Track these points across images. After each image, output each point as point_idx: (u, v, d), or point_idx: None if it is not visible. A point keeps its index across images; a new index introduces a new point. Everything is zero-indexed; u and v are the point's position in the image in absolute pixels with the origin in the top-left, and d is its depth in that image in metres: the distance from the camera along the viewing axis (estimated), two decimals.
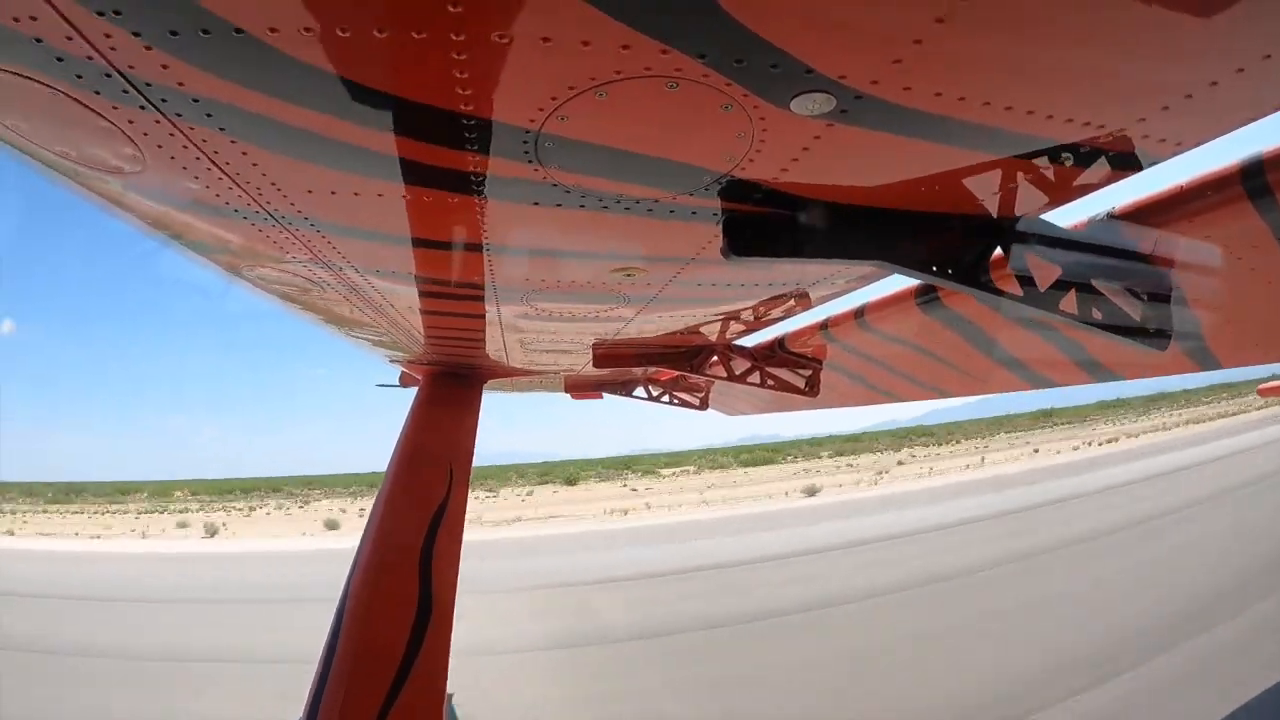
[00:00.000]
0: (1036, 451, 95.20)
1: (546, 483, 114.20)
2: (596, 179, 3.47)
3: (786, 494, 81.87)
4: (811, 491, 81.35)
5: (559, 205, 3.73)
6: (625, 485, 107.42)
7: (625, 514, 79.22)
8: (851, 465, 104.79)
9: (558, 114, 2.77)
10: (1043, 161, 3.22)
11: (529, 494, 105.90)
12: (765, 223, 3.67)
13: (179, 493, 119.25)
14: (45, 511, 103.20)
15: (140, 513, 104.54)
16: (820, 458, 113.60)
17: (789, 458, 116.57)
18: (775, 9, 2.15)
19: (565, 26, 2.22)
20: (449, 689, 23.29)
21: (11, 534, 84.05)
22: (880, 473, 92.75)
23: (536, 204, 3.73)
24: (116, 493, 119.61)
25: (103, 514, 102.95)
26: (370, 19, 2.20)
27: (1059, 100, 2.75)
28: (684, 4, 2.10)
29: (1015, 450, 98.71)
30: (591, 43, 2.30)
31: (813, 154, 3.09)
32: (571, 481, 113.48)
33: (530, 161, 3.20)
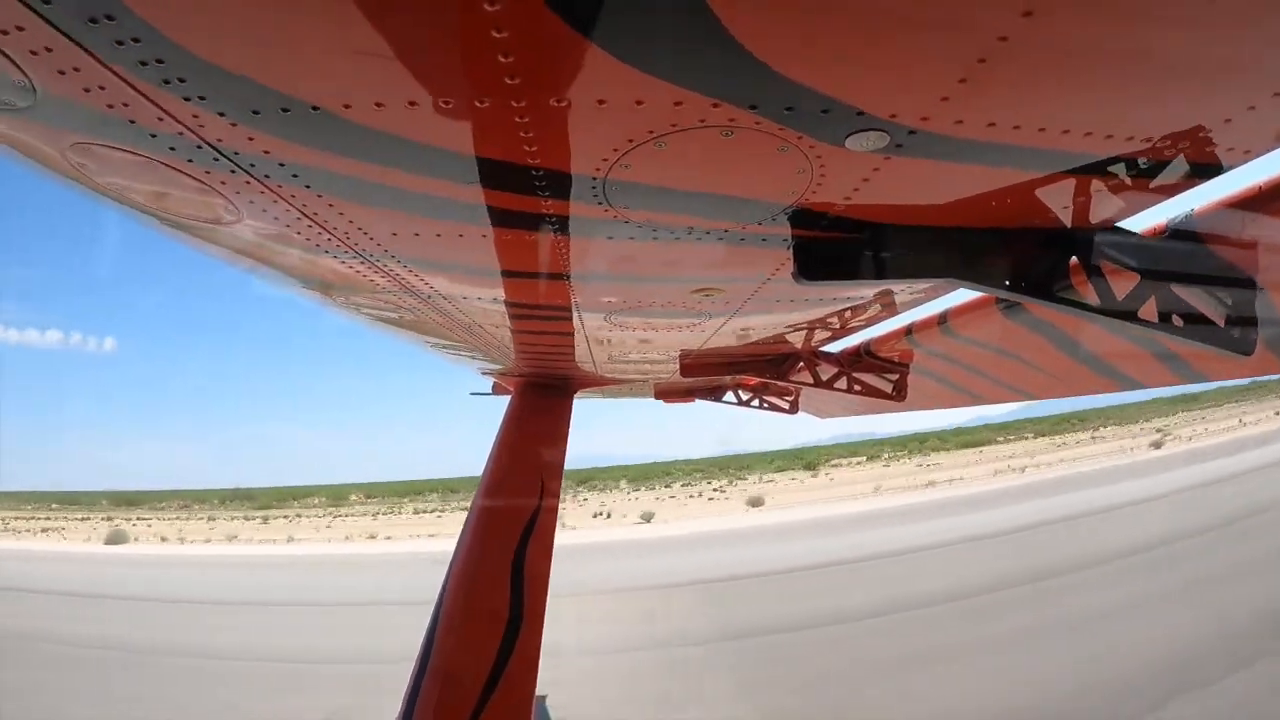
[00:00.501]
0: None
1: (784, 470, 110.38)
2: (665, 215, 3.59)
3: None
4: (1158, 445, 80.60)
5: (632, 239, 3.87)
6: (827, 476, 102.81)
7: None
8: (1096, 438, 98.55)
9: (621, 163, 2.90)
10: (1117, 169, 3.15)
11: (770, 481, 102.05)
12: (834, 247, 3.72)
13: (354, 496, 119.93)
14: (263, 519, 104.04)
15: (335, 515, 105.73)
16: (1027, 438, 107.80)
17: (1002, 439, 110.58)
18: (819, 61, 2.23)
19: (617, 90, 2.35)
20: (540, 692, 23.49)
21: (293, 539, 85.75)
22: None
23: (610, 238, 3.87)
24: (289, 498, 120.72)
25: (302, 517, 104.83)
26: (436, 92, 2.37)
27: (1117, 120, 2.74)
28: (729, 63, 2.19)
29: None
30: (645, 101, 2.42)
31: (874, 184, 3.13)
32: (811, 467, 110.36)
33: (600, 204, 3.33)
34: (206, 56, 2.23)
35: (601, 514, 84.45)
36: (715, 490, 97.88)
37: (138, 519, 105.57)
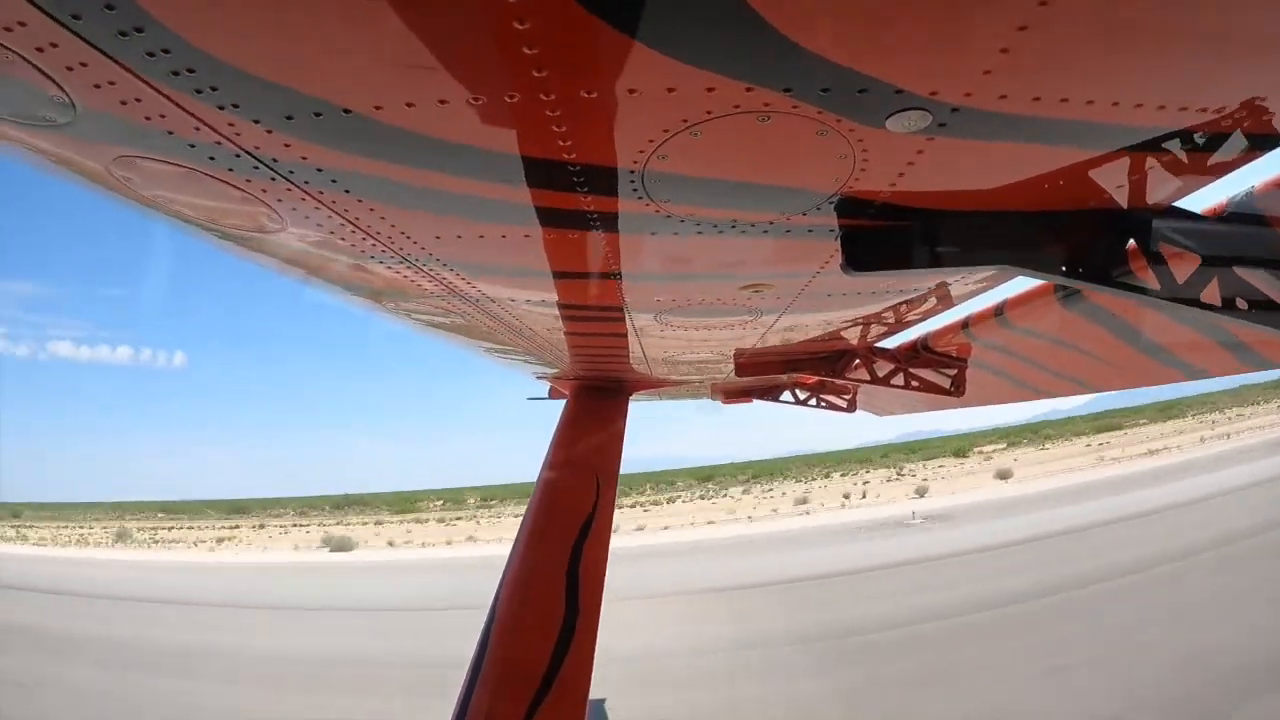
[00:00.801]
0: None
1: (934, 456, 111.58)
2: (707, 209, 3.53)
3: None
4: None
5: (676, 234, 3.82)
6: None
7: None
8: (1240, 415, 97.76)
9: (657, 154, 2.85)
10: (1172, 146, 3.03)
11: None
12: (883, 236, 3.64)
13: (471, 499, 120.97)
14: (394, 522, 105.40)
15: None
16: (1140, 425, 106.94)
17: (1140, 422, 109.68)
18: (851, 37, 2.17)
19: (646, 77, 2.31)
20: (601, 695, 23.14)
21: (452, 543, 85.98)
22: None
23: (654, 234, 3.83)
24: (407, 502, 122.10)
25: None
26: (464, 89, 2.36)
27: (1168, 90, 2.62)
28: (759, 43, 2.14)
29: None
30: (676, 89, 2.38)
31: (920, 167, 3.05)
32: (961, 454, 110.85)
33: (641, 198, 3.29)
34: (235, 63, 2.25)
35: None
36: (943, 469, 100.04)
37: (257, 526, 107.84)
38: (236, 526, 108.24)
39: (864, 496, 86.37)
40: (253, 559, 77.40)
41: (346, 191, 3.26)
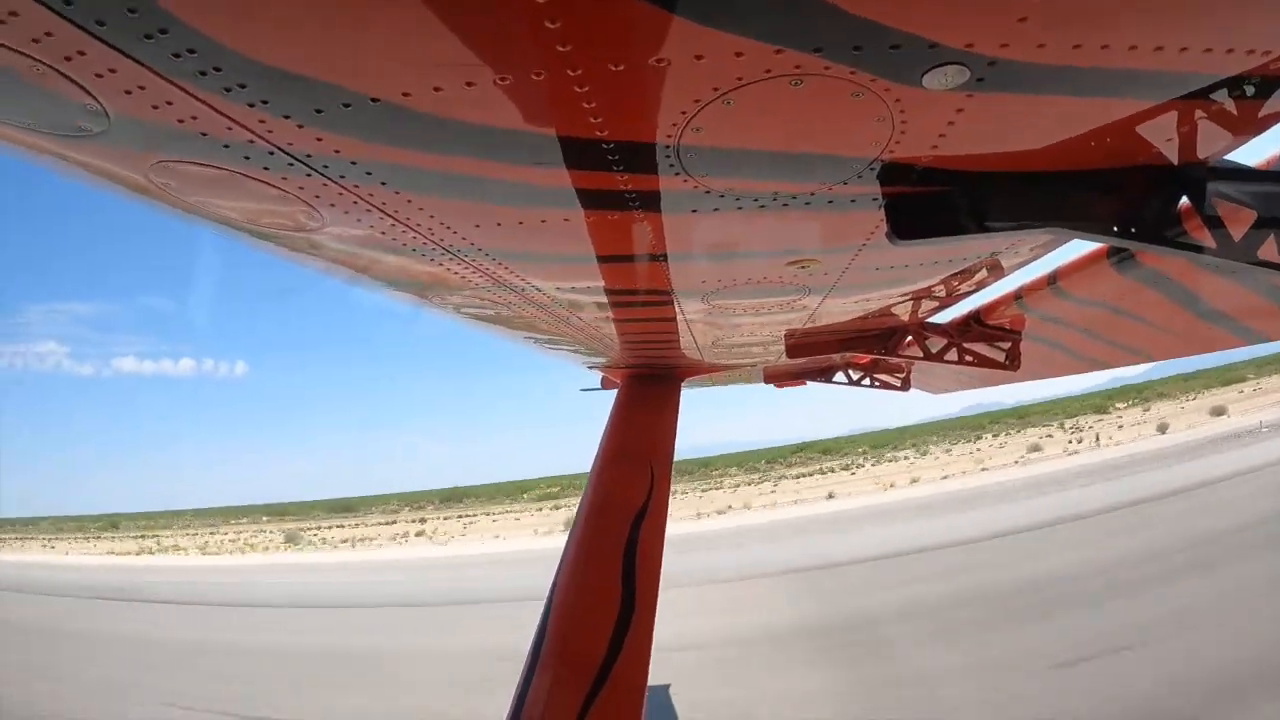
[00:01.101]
0: None
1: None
2: (747, 181, 3.46)
3: None
4: None
5: (717, 210, 3.75)
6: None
7: None
8: None
9: (691, 126, 2.79)
10: (1220, 97, 2.90)
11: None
12: (927, 202, 3.53)
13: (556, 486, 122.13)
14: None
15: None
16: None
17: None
18: None
19: (672, 45, 2.25)
20: (665, 681, 23.23)
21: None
22: None
23: (695, 211, 3.76)
24: (500, 494, 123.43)
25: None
26: (489, 70, 2.32)
27: (1214, 34, 2.49)
28: (784, 2, 2.08)
29: None
30: (704, 56, 2.31)
31: (960, 127, 2.95)
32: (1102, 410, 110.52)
33: (678, 173, 3.23)
34: (259, 58, 2.24)
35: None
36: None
37: (417, 520, 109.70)
38: (392, 522, 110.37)
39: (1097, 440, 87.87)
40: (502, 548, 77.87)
41: (382, 184, 3.25)
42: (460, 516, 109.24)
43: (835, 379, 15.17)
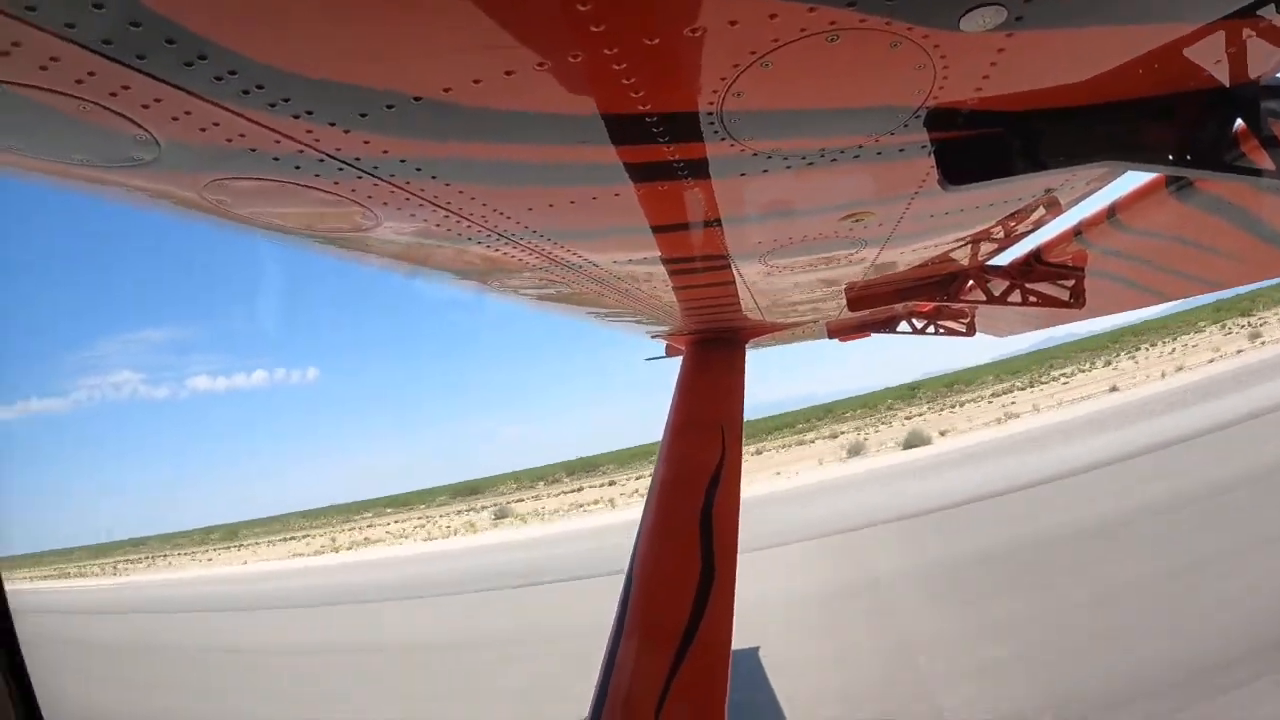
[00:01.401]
0: None
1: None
2: (793, 140, 3.45)
3: None
4: None
5: (766, 171, 3.74)
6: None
7: None
8: None
9: (732, 92, 2.79)
10: (1268, 13, 2.77)
11: None
12: (977, 146, 3.46)
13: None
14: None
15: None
16: None
17: None
18: None
19: (705, 14, 2.25)
20: (754, 644, 23.14)
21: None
22: None
23: (744, 174, 3.76)
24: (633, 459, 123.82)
25: None
26: (526, 56, 2.34)
27: None
28: None
29: None
30: (738, 21, 2.31)
31: (1003, 67, 2.89)
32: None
33: (724, 139, 3.23)
34: (298, 71, 2.29)
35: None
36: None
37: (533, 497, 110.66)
38: (537, 497, 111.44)
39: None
40: None
41: (433, 177, 3.30)
42: (609, 483, 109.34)
43: (899, 329, 15.08)
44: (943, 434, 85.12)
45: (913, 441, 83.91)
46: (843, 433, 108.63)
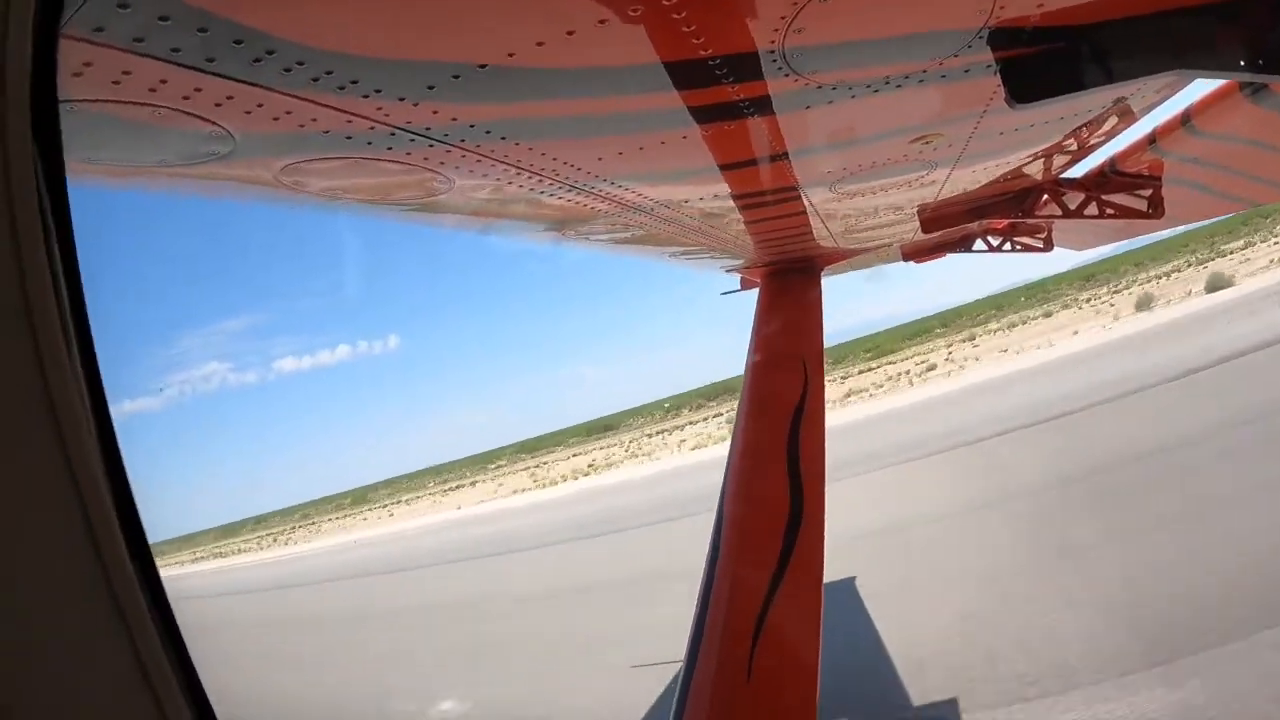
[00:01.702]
0: None
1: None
2: (857, 70, 3.44)
3: None
4: None
5: (831, 103, 3.74)
6: None
7: None
8: None
9: (793, 29, 2.79)
10: None
11: None
12: (1042, 61, 3.41)
13: None
14: None
15: None
16: None
17: None
18: None
19: None
20: (850, 574, 22.63)
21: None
22: None
23: (809, 107, 3.76)
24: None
25: None
26: (587, 15, 2.39)
27: None
28: None
29: None
30: None
31: None
32: None
33: (787, 74, 3.23)
34: (364, 53, 2.37)
35: None
36: None
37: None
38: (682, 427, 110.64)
39: None
40: None
41: (502, 138, 3.37)
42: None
43: (974, 247, 14.89)
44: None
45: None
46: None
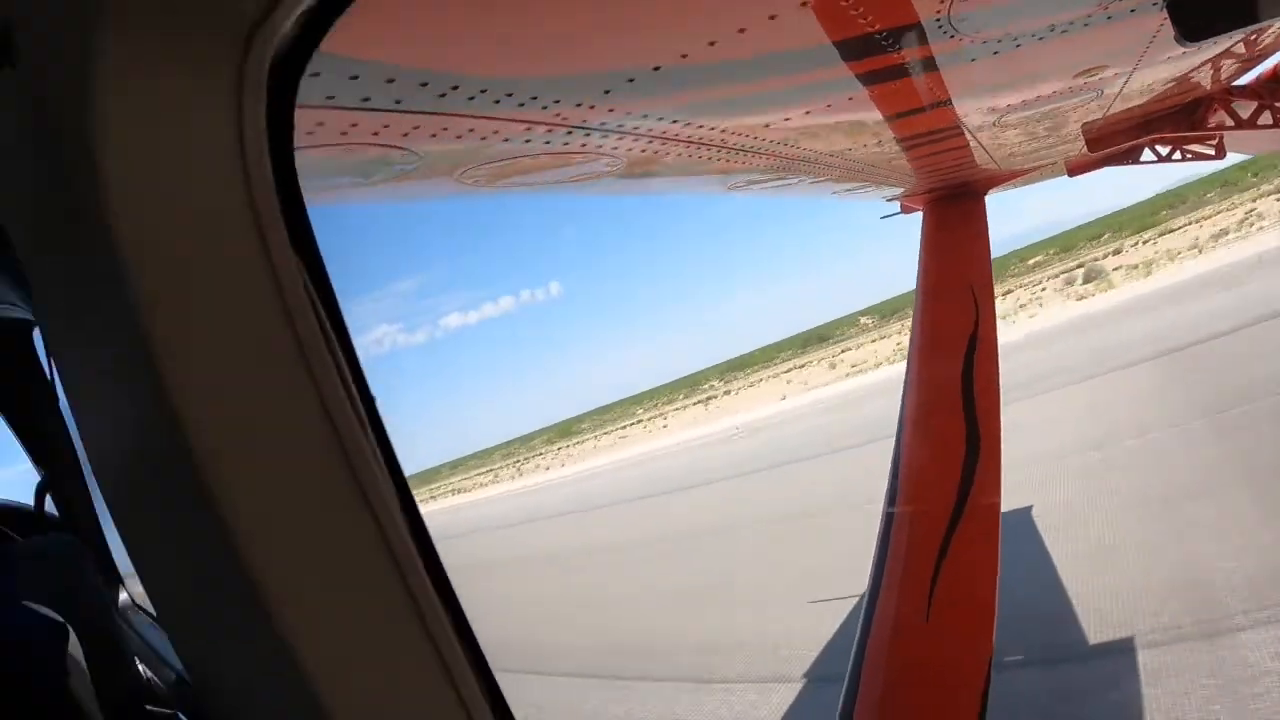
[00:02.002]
0: None
1: None
2: (1021, 23, 3.49)
3: None
4: None
5: (996, 54, 3.80)
6: None
7: None
8: None
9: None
10: None
11: None
12: None
13: None
14: None
15: None
16: None
17: None
18: None
19: None
20: (1028, 503, 21.28)
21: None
22: None
23: (974, 60, 3.82)
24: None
25: None
26: (758, 12, 2.52)
27: None
28: None
29: None
30: None
31: None
32: None
33: (953, 36, 3.29)
34: (543, 74, 2.58)
35: None
36: None
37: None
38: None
39: None
40: None
41: (674, 122, 3.58)
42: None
43: (1142, 159, 14.38)
44: None
45: None
46: None
